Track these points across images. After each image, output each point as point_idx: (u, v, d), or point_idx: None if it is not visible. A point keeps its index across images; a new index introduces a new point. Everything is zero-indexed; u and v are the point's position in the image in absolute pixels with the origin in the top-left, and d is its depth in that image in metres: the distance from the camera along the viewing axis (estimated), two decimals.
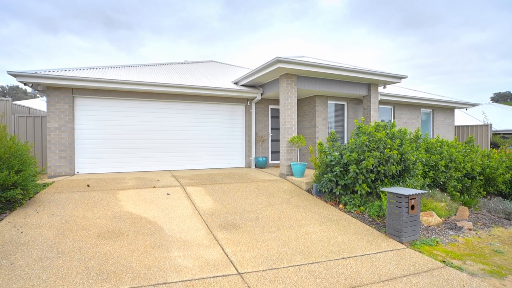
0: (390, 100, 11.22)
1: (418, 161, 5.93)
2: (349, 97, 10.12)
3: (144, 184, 6.76)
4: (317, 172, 6.59)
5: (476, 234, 4.91)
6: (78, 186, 6.38)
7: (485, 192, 7.04)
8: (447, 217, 5.64)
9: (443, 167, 6.59)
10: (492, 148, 11.55)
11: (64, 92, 7.80)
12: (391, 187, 4.99)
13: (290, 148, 7.93)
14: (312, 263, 3.54)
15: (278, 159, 10.60)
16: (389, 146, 5.59)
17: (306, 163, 8.01)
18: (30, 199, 5.31)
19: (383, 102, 11.28)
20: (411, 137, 7.11)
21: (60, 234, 4.04)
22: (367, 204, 5.63)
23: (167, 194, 6.05)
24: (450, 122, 13.64)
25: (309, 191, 6.81)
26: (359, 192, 5.54)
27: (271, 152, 10.66)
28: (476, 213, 6.15)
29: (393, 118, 11.80)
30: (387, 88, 11.40)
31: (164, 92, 8.78)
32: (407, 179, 5.73)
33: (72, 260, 3.35)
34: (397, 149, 5.66)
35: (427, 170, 6.57)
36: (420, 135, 7.11)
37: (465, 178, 6.78)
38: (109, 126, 8.48)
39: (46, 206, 5.07)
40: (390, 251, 3.99)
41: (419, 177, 5.98)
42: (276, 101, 10.53)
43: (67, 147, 7.84)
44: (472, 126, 14.41)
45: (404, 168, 5.80)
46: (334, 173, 5.85)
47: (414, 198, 4.43)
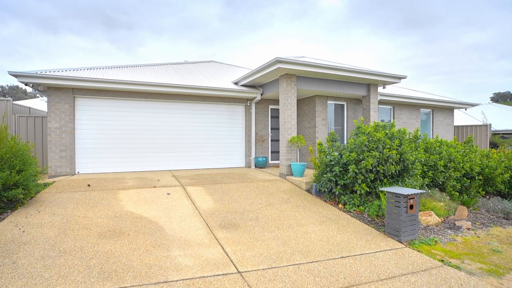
0: (390, 100, 11.25)
1: (417, 161, 5.96)
2: (349, 97, 10.15)
3: (145, 184, 6.79)
4: (317, 172, 6.62)
5: (475, 234, 4.94)
6: (79, 186, 6.41)
7: (484, 192, 7.07)
8: (446, 217, 5.67)
9: (442, 167, 6.62)
10: (491, 148, 11.58)
11: (65, 92, 7.83)
12: (390, 187, 5.03)
13: (290, 148, 7.96)
14: (312, 262, 3.57)
15: (278, 159, 10.64)
16: (388, 146, 5.62)
17: (306, 163, 8.05)
18: (32, 199, 5.34)
19: (383, 102, 11.32)
20: (410, 137, 7.13)
21: (62, 233, 4.07)
22: (367, 204, 5.66)
23: (168, 194, 6.08)
24: (450, 122, 13.68)
25: (309, 191, 6.84)
26: (359, 192, 5.57)
27: (271, 152, 10.69)
28: (475, 213, 6.19)
29: (393, 118, 11.82)
30: (387, 88, 11.42)
31: (164, 92, 8.81)
32: (406, 179, 5.76)
33: (74, 259, 3.38)
34: (396, 149, 5.69)
35: (426, 170, 6.60)
36: (419, 135, 7.13)
37: (464, 178, 6.81)
38: (110, 126, 8.51)
39: (47, 206, 5.10)
40: (389, 250, 4.02)
41: (418, 177, 6.00)
42: (276, 101, 10.56)
43: (68, 147, 7.88)
44: (472, 126, 14.44)
45: (403, 168, 5.83)
46: (334, 173, 5.88)
47: (413, 198, 4.46)
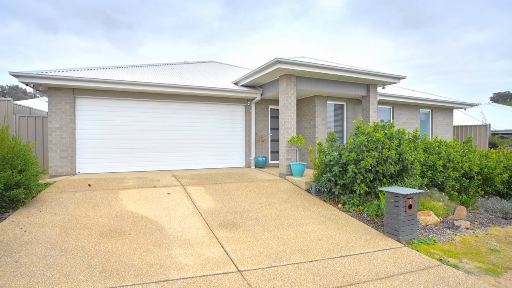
0: (389, 101, 11.28)
1: (416, 161, 5.99)
2: (348, 98, 10.18)
3: (145, 184, 6.82)
4: (316, 172, 6.65)
5: (473, 233, 4.97)
6: (80, 186, 6.44)
7: (483, 192, 7.10)
8: (445, 217, 5.70)
9: (441, 167, 6.65)
10: (490, 148, 11.61)
11: (66, 93, 7.86)
12: (389, 187, 5.06)
13: (290, 148, 7.99)
14: (311, 261, 3.61)
15: (278, 159, 10.67)
16: (387, 146, 5.65)
17: (306, 163, 8.08)
18: (33, 199, 5.37)
19: (382, 102, 11.35)
20: (410, 137, 7.17)
21: (63, 233, 4.10)
22: (366, 204, 5.69)
23: (168, 194, 6.11)
24: (449, 122, 13.71)
25: (308, 191, 6.87)
26: (358, 192, 5.60)
27: (271, 152, 10.72)
28: (474, 213, 6.22)
29: (392, 118, 11.85)
30: (386, 89, 11.45)
31: (165, 93, 8.83)
32: (405, 179, 5.79)
33: (76, 258, 3.41)
34: (395, 149, 5.72)
35: (425, 170, 6.63)
36: (419, 135, 7.16)
37: (463, 178, 6.84)
38: (110, 126, 8.54)
39: (49, 205, 5.13)
40: (388, 250, 4.05)
41: (417, 177, 6.04)
42: (276, 101, 10.60)
43: (68, 147, 7.90)
44: (471, 126, 14.47)
45: (403, 168, 5.86)
46: (333, 173, 5.91)
47: (412, 198, 4.49)
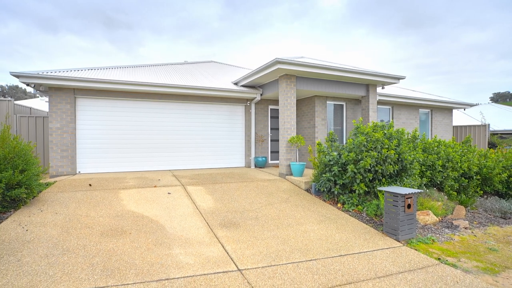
0: (389, 101, 11.31)
1: (416, 161, 6.02)
2: (348, 98, 10.21)
3: (145, 184, 6.85)
4: (316, 172, 6.68)
5: (472, 233, 5.00)
6: (80, 186, 6.47)
7: (482, 192, 7.13)
8: (444, 216, 5.73)
9: (440, 167, 6.68)
10: (490, 148, 11.64)
11: (66, 93, 7.89)
12: (388, 186, 5.09)
13: (289, 148, 8.02)
14: (310, 260, 3.64)
15: (278, 159, 10.70)
16: (387, 146, 5.68)
17: (305, 163, 8.11)
18: (34, 198, 5.40)
19: (382, 103, 11.38)
20: (409, 137, 7.20)
21: (64, 232, 4.13)
22: (365, 203, 5.73)
23: (168, 193, 6.14)
24: (448, 122, 13.74)
25: (308, 191, 6.90)
26: (357, 192, 5.64)
27: (271, 152, 10.75)
28: (473, 212, 6.25)
29: (392, 118, 11.88)
30: (386, 89, 11.48)
31: (164, 93, 8.86)
32: (405, 179, 5.82)
33: (77, 257, 3.44)
34: (395, 149, 5.75)
35: (424, 170, 6.66)
36: (418, 135, 7.19)
37: (462, 178, 6.87)
38: (111, 126, 8.57)
39: (50, 205, 5.16)
40: (387, 249, 4.08)
41: (417, 177, 6.07)
42: (276, 102, 10.63)
43: (69, 147, 7.93)
44: (470, 126, 14.50)
45: (402, 168, 5.90)
46: (333, 173, 5.94)
47: (411, 197, 4.52)
